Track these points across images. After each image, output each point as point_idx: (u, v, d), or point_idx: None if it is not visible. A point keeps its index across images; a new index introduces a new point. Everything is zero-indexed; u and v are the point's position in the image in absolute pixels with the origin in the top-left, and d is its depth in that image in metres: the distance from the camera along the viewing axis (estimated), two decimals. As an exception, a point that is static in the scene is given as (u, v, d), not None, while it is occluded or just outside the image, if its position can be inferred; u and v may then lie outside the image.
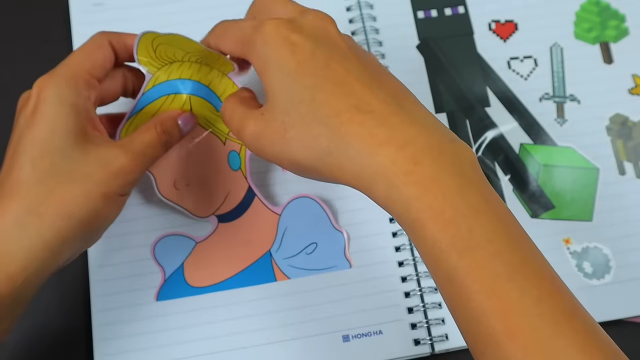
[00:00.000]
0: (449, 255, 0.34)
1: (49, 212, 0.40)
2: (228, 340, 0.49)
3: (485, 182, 0.37)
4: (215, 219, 0.51)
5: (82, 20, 0.56)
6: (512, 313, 0.34)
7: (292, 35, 0.39)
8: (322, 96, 0.38)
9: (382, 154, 0.36)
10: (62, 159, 0.41)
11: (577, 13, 0.57)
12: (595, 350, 0.35)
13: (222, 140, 0.51)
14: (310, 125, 0.38)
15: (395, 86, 0.40)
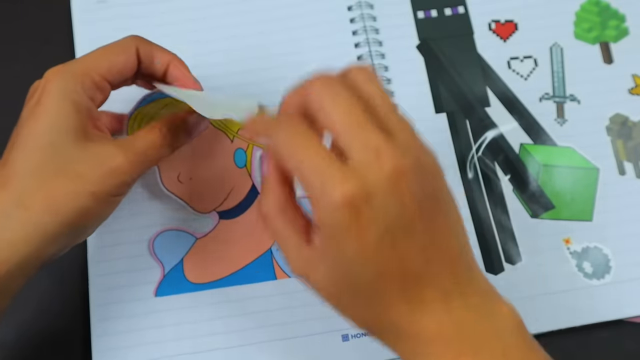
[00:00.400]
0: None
1: (36, 206, 0.40)
2: (227, 337, 0.48)
3: (528, 349, 0.38)
4: (217, 215, 0.51)
5: (84, 18, 0.56)
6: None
7: (363, 210, 0.34)
8: (379, 286, 0.36)
9: (430, 351, 0.36)
10: (56, 155, 0.40)
11: (577, 13, 0.57)
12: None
13: (230, 138, 0.51)
14: (365, 305, 0.37)
15: (453, 248, 0.37)
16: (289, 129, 0.35)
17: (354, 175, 0.34)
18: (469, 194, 0.52)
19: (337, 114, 0.35)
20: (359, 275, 0.35)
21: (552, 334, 0.49)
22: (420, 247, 0.35)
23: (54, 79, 0.41)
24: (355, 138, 0.34)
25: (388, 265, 0.35)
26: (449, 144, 0.54)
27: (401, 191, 0.34)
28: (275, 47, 0.56)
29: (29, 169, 0.40)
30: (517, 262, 0.51)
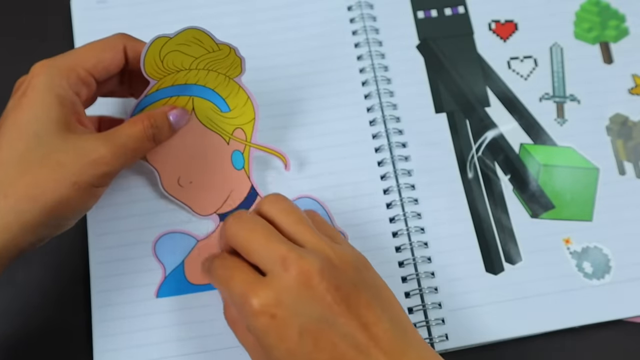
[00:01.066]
0: None
1: (17, 194, 0.40)
2: (227, 337, 0.48)
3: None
4: (217, 218, 0.51)
5: (84, 18, 0.56)
6: None
7: (278, 313, 0.38)
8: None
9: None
10: (39, 144, 0.41)
11: (577, 13, 0.57)
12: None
13: (226, 140, 0.51)
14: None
15: (384, 327, 0.39)
16: (219, 262, 0.41)
17: (267, 284, 0.39)
18: (469, 194, 0.52)
19: (244, 240, 0.40)
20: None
21: (552, 334, 0.49)
22: (344, 335, 0.38)
23: (40, 72, 0.42)
24: (261, 255, 0.40)
25: (317, 357, 0.38)
26: (449, 144, 0.54)
27: (312, 289, 0.38)
28: (274, 47, 0.56)
29: (11, 158, 0.41)
30: (517, 262, 0.51)
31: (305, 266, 0.39)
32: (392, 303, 0.42)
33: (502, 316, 0.49)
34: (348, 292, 0.39)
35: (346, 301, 0.39)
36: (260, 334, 0.38)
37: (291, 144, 0.53)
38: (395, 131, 0.54)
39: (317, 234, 0.41)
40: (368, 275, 0.42)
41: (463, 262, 0.51)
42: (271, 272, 0.39)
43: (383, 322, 0.39)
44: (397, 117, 0.54)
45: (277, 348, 0.38)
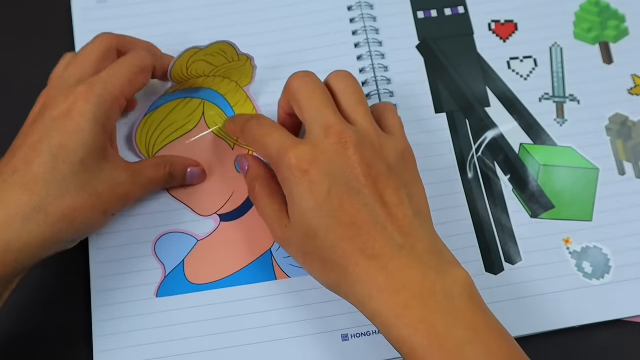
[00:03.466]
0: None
1: (55, 214, 0.42)
2: (227, 337, 0.49)
3: (477, 308, 0.41)
4: (218, 218, 0.51)
5: (85, 17, 0.56)
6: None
7: (312, 170, 0.42)
8: (334, 237, 0.42)
9: (378, 300, 0.41)
10: (81, 170, 0.43)
11: (576, 13, 0.57)
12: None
13: (230, 146, 0.53)
14: (324, 259, 0.43)
15: (405, 212, 0.43)
16: (256, 122, 0.47)
17: (305, 143, 0.43)
18: (469, 194, 0.52)
19: (302, 98, 0.45)
20: (317, 229, 0.42)
21: (552, 334, 0.49)
22: (366, 205, 0.42)
23: (88, 100, 0.44)
24: (312, 115, 0.45)
25: (338, 217, 0.42)
26: (449, 144, 0.54)
27: (346, 158, 0.43)
28: (274, 48, 0.56)
29: (54, 179, 0.43)
30: (517, 262, 0.51)
31: (345, 137, 0.43)
32: (420, 198, 0.45)
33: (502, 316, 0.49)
34: (379, 173, 0.43)
35: (375, 179, 0.43)
36: (293, 186, 0.43)
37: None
38: (395, 131, 0.54)
39: (370, 119, 0.46)
40: (406, 168, 0.46)
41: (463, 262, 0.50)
42: (313, 134, 0.44)
43: (405, 208, 0.43)
44: (397, 117, 0.54)
45: (306, 199, 0.42)
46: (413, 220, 0.43)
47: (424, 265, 0.41)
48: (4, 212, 0.42)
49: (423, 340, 0.39)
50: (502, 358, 0.40)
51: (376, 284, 0.41)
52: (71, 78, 0.46)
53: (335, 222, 0.42)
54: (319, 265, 0.44)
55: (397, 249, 0.42)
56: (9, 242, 0.41)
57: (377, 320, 0.41)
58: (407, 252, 0.42)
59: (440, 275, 0.41)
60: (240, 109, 0.54)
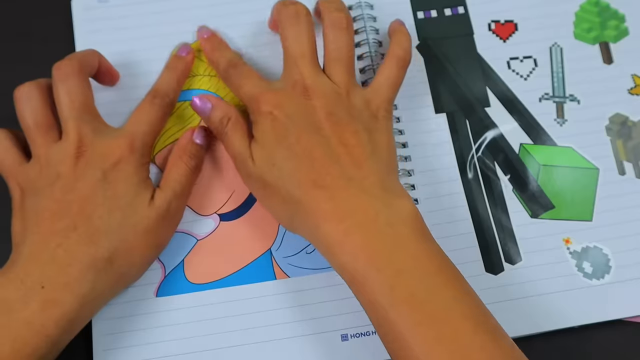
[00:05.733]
0: (379, 306, 0.41)
1: (121, 260, 0.45)
2: (226, 337, 0.49)
3: (419, 237, 0.43)
4: (217, 217, 0.51)
5: (85, 17, 0.56)
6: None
7: (275, 111, 0.46)
8: (289, 167, 0.45)
9: (323, 228, 0.43)
10: (132, 214, 0.46)
11: (576, 13, 0.57)
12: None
13: None
14: (279, 189, 0.45)
15: (360, 150, 0.46)
16: (234, 71, 0.51)
17: (274, 91, 0.48)
18: (469, 194, 0.52)
19: (285, 29, 0.50)
20: (275, 158, 0.45)
21: (552, 334, 0.49)
22: (322, 142, 0.45)
23: (128, 161, 0.47)
24: (290, 62, 0.49)
25: (295, 150, 0.45)
26: (449, 144, 0.54)
27: (309, 105, 0.47)
28: (274, 48, 0.56)
29: (111, 227, 0.45)
30: (517, 262, 0.51)
31: (311, 91, 0.47)
32: (381, 144, 0.47)
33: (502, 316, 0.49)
34: (340, 118, 0.46)
35: (335, 123, 0.46)
36: (258, 124, 0.47)
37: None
38: (395, 131, 0.54)
39: (346, 74, 0.49)
40: (371, 117, 0.48)
41: (463, 262, 0.50)
42: (285, 80, 0.49)
43: (361, 148, 0.46)
44: (397, 117, 0.54)
45: (268, 134, 0.46)
46: (367, 158, 0.45)
47: (371, 197, 0.44)
48: (77, 267, 0.44)
49: (362, 266, 0.42)
50: (439, 285, 0.42)
51: (323, 213, 0.43)
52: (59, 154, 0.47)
53: (291, 153, 0.45)
54: (276, 197, 0.46)
55: (346, 181, 0.44)
56: (85, 295, 0.44)
57: (322, 248, 0.44)
58: (356, 184, 0.44)
59: (385, 206, 0.44)
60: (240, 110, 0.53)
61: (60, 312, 0.43)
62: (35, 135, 0.47)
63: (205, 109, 0.50)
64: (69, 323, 0.43)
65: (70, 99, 0.47)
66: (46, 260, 0.43)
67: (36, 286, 0.42)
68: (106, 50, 0.53)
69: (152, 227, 0.47)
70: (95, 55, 0.51)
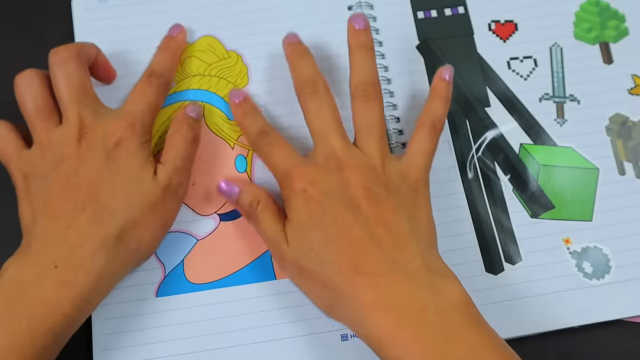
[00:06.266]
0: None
1: (131, 237, 0.46)
2: (227, 337, 0.49)
3: (472, 324, 0.41)
4: (217, 217, 0.51)
5: (85, 17, 0.56)
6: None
7: (310, 188, 0.45)
8: (327, 252, 0.43)
9: (370, 320, 0.41)
10: (137, 190, 0.46)
11: (576, 13, 0.57)
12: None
13: (230, 146, 0.53)
14: (317, 275, 0.44)
15: (400, 230, 0.44)
16: (264, 140, 0.49)
17: (307, 166, 0.46)
18: (469, 194, 0.52)
19: (310, 111, 0.48)
20: (312, 242, 0.44)
21: (552, 334, 0.49)
22: (360, 221, 0.43)
23: (130, 138, 0.47)
24: (318, 136, 0.48)
25: (332, 232, 0.43)
26: (449, 144, 0.54)
27: (344, 179, 0.45)
28: (274, 48, 0.56)
29: (122, 206, 0.46)
30: (517, 262, 0.51)
31: (346, 163, 0.46)
32: (421, 221, 0.46)
33: (501, 316, 0.49)
34: (377, 194, 0.45)
35: (372, 200, 0.44)
36: (291, 202, 0.45)
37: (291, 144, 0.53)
38: (395, 131, 0.54)
39: (379, 144, 0.47)
40: (408, 190, 0.46)
41: (463, 262, 0.50)
42: (316, 154, 0.47)
43: (401, 227, 0.44)
44: (397, 117, 0.54)
45: (302, 214, 0.44)
46: (408, 238, 0.44)
47: (417, 283, 0.42)
48: (89, 246, 0.44)
49: (415, 359, 0.40)
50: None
51: (367, 302, 0.41)
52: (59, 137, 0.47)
53: (329, 236, 0.43)
54: (313, 283, 0.44)
55: (389, 265, 0.42)
56: (98, 273, 0.44)
57: (369, 340, 0.42)
58: (400, 269, 0.42)
59: (432, 292, 0.41)
60: None
61: (75, 292, 0.43)
62: (36, 120, 0.48)
63: (232, 194, 0.49)
64: (84, 302, 0.43)
65: (69, 83, 0.48)
66: (58, 242, 0.44)
67: (49, 266, 0.43)
68: (106, 50, 0.53)
69: (158, 202, 0.47)
70: (93, 47, 0.51)
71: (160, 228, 0.48)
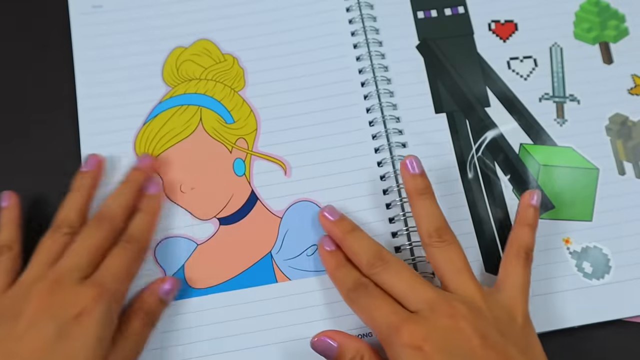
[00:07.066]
0: None
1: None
2: (228, 341, 0.49)
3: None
4: (217, 222, 0.51)
5: (81, 22, 0.57)
6: None
7: (426, 346, 0.41)
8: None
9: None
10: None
11: (576, 13, 0.57)
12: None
13: (228, 149, 0.53)
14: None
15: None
16: (364, 291, 0.45)
17: (416, 320, 0.42)
18: (469, 194, 0.52)
19: (390, 285, 0.45)
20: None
21: (552, 334, 0.49)
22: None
23: (99, 305, 0.43)
24: (408, 297, 0.44)
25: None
26: (449, 144, 0.54)
27: (459, 330, 0.42)
28: (273, 49, 0.56)
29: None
30: (517, 262, 0.51)
31: (453, 310, 0.42)
32: (536, 352, 0.44)
33: (502, 317, 0.49)
34: (495, 342, 0.42)
35: (492, 349, 0.41)
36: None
37: (290, 145, 0.53)
38: (395, 131, 0.54)
39: (473, 283, 0.45)
40: (519, 328, 0.44)
41: (463, 263, 0.51)
42: (419, 311, 0.43)
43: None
44: (397, 117, 0.54)
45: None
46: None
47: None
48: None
49: None
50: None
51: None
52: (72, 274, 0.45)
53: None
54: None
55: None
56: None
57: None
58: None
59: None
60: (238, 113, 0.54)
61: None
62: None
63: (330, 350, 0.45)
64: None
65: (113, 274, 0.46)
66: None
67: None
68: (102, 54, 0.54)
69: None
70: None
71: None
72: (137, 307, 0.47)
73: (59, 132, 0.54)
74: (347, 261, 0.48)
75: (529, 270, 0.47)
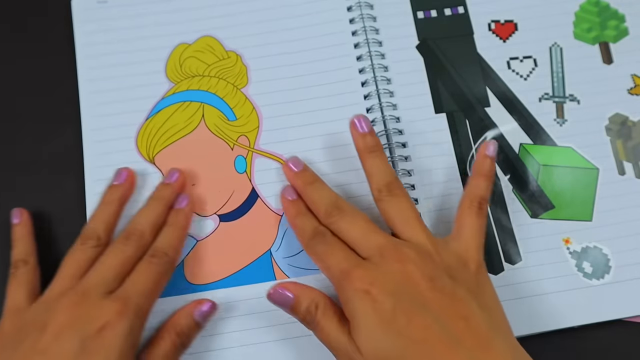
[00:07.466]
0: None
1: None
2: (226, 338, 0.49)
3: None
4: (217, 218, 0.51)
5: (84, 17, 0.57)
6: None
7: (373, 289, 0.42)
8: (405, 356, 0.40)
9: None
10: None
11: (576, 13, 0.57)
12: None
13: (230, 146, 0.53)
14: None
15: (478, 324, 0.41)
16: (320, 239, 0.46)
17: (365, 266, 0.43)
18: (469, 194, 0.52)
19: (344, 230, 0.46)
20: (389, 350, 0.40)
21: (552, 333, 0.49)
22: (435, 319, 0.41)
23: (122, 320, 0.43)
24: (360, 242, 0.45)
25: (408, 335, 0.40)
26: (448, 144, 0.54)
27: (406, 273, 0.42)
28: (276, 47, 0.56)
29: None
30: (516, 262, 0.51)
31: (402, 255, 0.43)
32: (492, 304, 0.44)
33: (501, 316, 0.49)
34: (443, 284, 0.42)
35: (440, 291, 0.42)
36: (356, 306, 0.42)
37: (291, 144, 0.53)
38: (395, 131, 0.54)
39: (424, 231, 0.46)
40: (470, 274, 0.45)
41: (463, 262, 0.50)
42: (370, 257, 0.44)
43: (478, 319, 0.41)
44: (397, 117, 0.54)
45: (371, 319, 0.41)
46: (489, 331, 0.41)
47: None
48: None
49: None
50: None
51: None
52: (97, 289, 0.44)
53: (407, 341, 0.40)
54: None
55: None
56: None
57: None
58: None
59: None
60: (240, 110, 0.54)
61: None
62: None
63: (286, 301, 0.45)
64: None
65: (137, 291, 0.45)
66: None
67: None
68: (105, 50, 0.54)
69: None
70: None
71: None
72: (169, 327, 0.46)
73: (61, 127, 0.54)
74: (308, 211, 0.49)
75: (484, 219, 0.47)
